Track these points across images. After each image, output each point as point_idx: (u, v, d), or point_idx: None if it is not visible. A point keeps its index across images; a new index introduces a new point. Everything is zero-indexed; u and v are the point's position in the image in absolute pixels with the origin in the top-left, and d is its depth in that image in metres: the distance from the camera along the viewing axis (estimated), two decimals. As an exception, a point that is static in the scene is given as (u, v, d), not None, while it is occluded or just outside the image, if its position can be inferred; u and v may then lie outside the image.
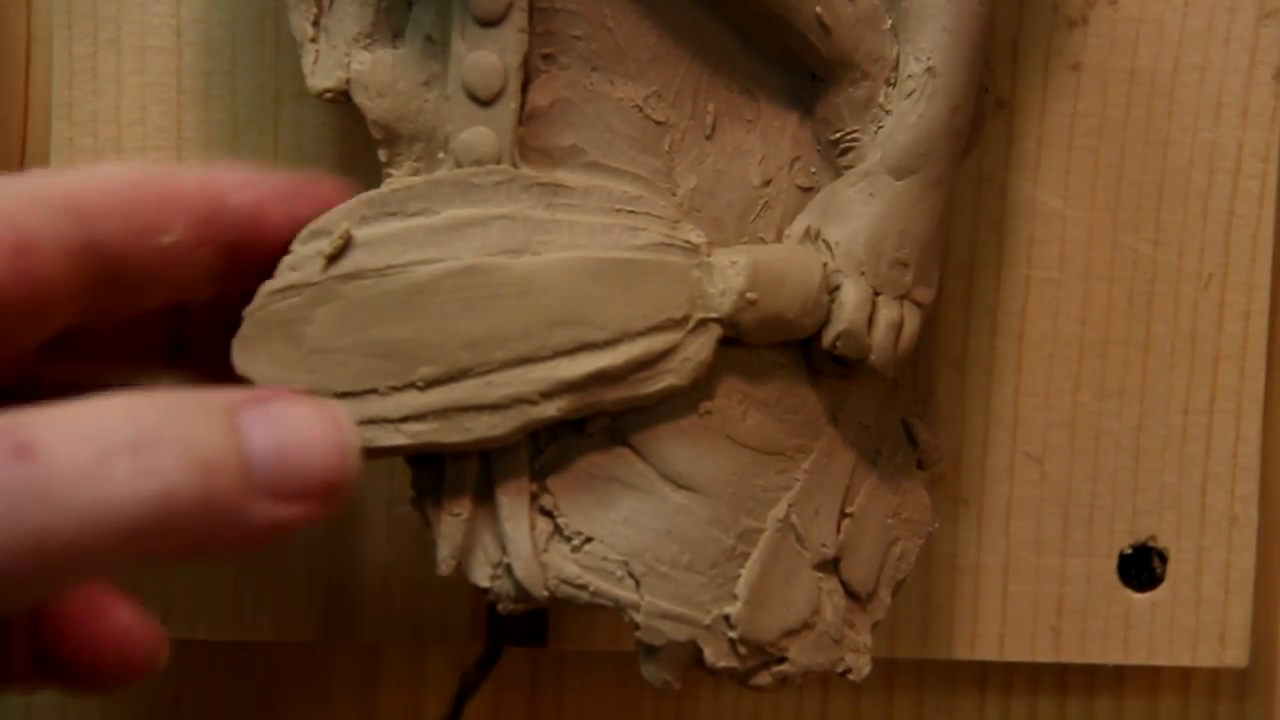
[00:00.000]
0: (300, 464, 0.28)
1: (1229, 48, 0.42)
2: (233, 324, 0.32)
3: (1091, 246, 0.42)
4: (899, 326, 0.35)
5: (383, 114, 0.33)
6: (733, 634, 0.34)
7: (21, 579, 0.24)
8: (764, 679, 0.35)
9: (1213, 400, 0.42)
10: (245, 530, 0.27)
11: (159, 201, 0.30)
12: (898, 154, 0.35)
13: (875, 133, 0.35)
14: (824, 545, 0.35)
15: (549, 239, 0.32)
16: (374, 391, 0.32)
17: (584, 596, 0.33)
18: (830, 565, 0.36)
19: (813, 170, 0.36)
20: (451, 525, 0.33)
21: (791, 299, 0.34)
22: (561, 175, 0.33)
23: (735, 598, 0.34)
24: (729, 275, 0.33)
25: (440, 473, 0.33)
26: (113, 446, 0.25)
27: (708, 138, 0.35)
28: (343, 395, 0.32)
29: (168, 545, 0.26)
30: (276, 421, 0.28)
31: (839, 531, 0.36)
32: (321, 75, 0.34)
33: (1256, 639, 0.44)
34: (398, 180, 0.33)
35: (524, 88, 0.33)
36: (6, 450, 0.24)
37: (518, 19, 0.32)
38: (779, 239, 0.35)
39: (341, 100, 0.34)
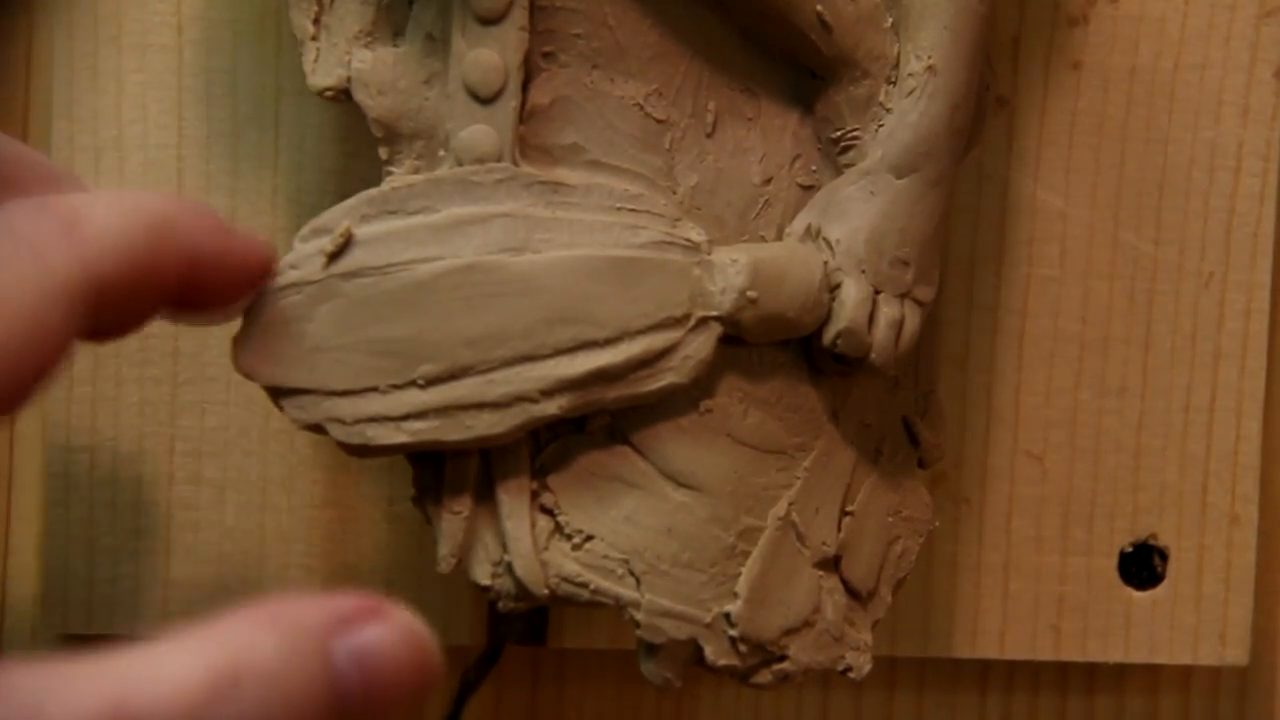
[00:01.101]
0: (384, 701, 0.27)
1: (1229, 46, 0.42)
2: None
3: (1092, 245, 0.42)
4: (899, 325, 0.35)
5: (383, 112, 0.33)
6: (733, 632, 0.34)
7: None
8: (764, 677, 0.35)
9: (1213, 398, 0.42)
10: None
11: (143, 284, 0.29)
12: (898, 152, 0.35)
13: (876, 131, 0.35)
14: (824, 543, 0.35)
15: (549, 237, 0.32)
16: (375, 389, 0.32)
17: (584, 594, 0.33)
18: (831, 563, 0.36)
19: (813, 168, 0.36)
20: (452, 523, 0.33)
21: (792, 297, 0.34)
22: (562, 173, 0.33)
23: (736, 596, 0.34)
24: (729, 273, 0.33)
25: (441, 471, 0.33)
26: None
27: (708, 136, 0.35)
28: (343, 393, 0.32)
29: None
30: (365, 657, 0.27)
31: (840, 530, 0.36)
32: (322, 73, 0.34)
33: (1257, 637, 0.44)
34: (398, 178, 0.33)
35: (525, 86, 0.33)
36: None
37: (518, 17, 0.32)
38: (779, 237, 0.35)
39: (342, 98, 0.34)
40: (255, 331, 0.32)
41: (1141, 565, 0.43)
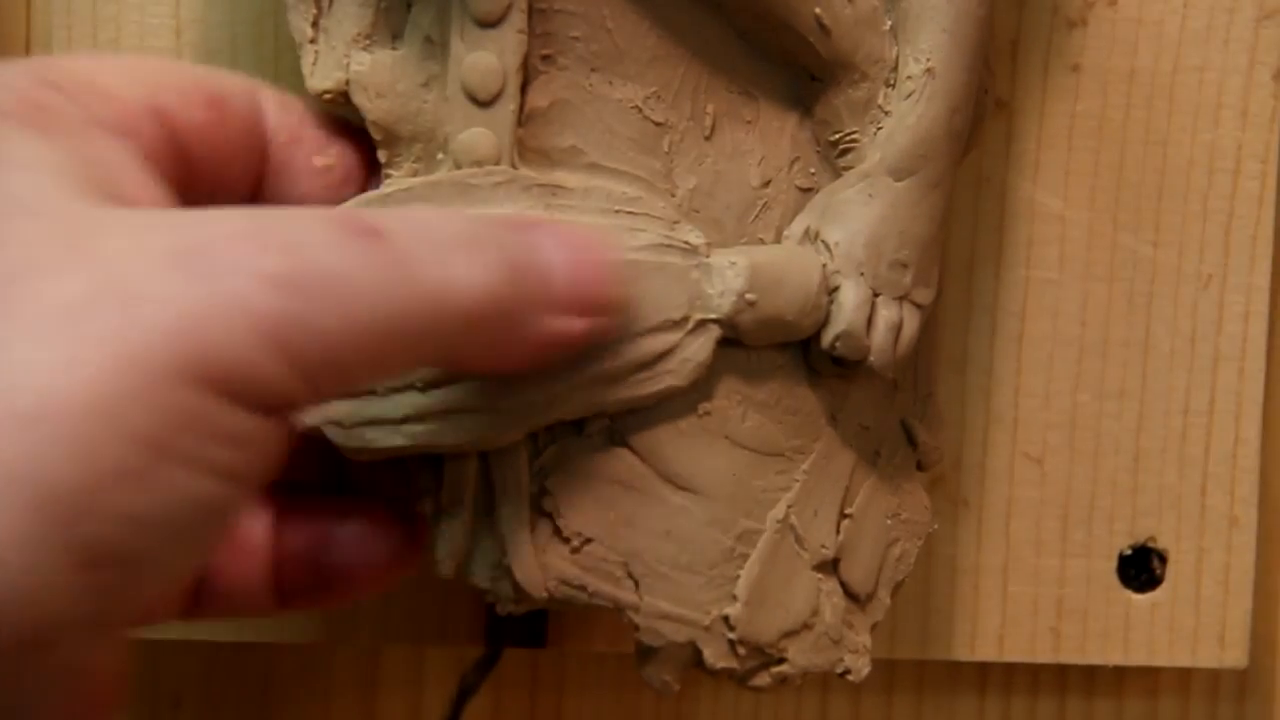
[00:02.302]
0: (587, 279, 0.30)
1: (1228, 48, 0.42)
2: None
3: (1091, 247, 0.42)
4: (898, 327, 0.35)
5: (382, 115, 0.33)
6: (732, 635, 0.34)
7: (373, 352, 0.26)
8: (763, 680, 0.35)
9: (1212, 401, 0.42)
10: (537, 339, 0.29)
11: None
12: (897, 155, 0.35)
13: (874, 134, 0.35)
14: (823, 546, 0.35)
15: (548, 240, 0.32)
16: (373, 392, 0.32)
17: (583, 597, 0.33)
18: (829, 566, 0.36)
19: (812, 171, 0.36)
20: (451, 526, 0.33)
21: (790, 300, 0.34)
22: (560, 176, 0.33)
23: (734, 598, 0.34)
24: (728, 276, 0.33)
25: (439, 473, 0.33)
26: (445, 241, 0.27)
27: (707, 138, 0.35)
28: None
29: (476, 343, 0.28)
30: (565, 240, 0.29)
31: (838, 532, 0.36)
32: (321, 76, 0.34)
33: (1256, 640, 0.44)
34: (397, 181, 0.33)
35: (523, 89, 0.33)
36: (357, 230, 0.26)
37: (516, 20, 0.32)
38: (778, 240, 0.35)
39: (341, 101, 0.34)
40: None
41: (1140, 568, 0.43)
